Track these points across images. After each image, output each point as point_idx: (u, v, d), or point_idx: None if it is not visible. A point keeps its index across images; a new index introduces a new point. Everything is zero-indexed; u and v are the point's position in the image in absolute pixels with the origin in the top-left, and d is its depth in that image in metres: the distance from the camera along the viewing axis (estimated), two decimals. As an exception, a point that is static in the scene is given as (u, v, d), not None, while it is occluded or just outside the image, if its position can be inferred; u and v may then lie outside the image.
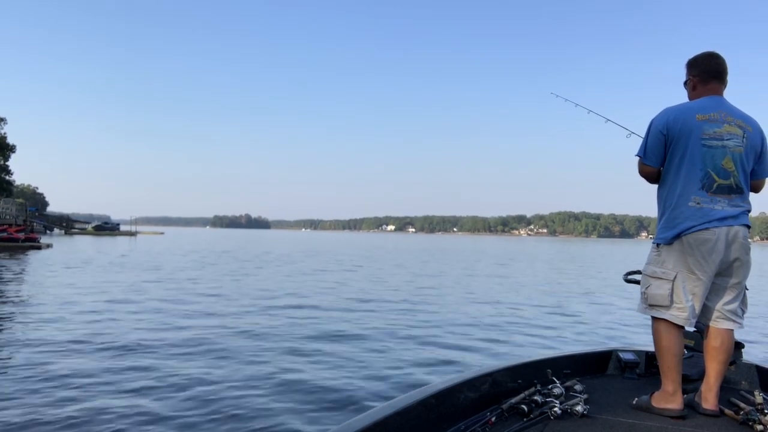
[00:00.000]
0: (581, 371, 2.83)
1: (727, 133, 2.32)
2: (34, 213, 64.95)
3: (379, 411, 1.87)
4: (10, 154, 59.53)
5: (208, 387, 5.10)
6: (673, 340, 2.33)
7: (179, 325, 8.22)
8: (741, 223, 2.32)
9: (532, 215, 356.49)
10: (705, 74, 2.44)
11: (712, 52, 2.47)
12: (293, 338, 7.43)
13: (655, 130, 2.41)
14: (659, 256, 2.40)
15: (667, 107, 2.45)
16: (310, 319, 9.11)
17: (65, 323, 8.17)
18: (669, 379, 2.32)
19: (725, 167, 2.31)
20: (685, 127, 2.33)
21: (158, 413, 4.36)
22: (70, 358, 6.06)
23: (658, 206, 2.48)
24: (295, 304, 10.90)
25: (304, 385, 5.21)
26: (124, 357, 6.19)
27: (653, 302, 2.38)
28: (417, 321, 9.20)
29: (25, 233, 35.36)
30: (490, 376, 2.42)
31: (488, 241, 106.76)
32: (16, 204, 50.36)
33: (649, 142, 2.43)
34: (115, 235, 69.79)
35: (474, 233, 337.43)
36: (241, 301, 11.14)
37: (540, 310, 10.95)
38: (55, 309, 9.51)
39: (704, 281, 2.31)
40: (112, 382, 5.19)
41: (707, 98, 2.42)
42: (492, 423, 2.09)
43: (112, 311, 9.41)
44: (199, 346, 6.80)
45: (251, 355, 6.43)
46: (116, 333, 7.51)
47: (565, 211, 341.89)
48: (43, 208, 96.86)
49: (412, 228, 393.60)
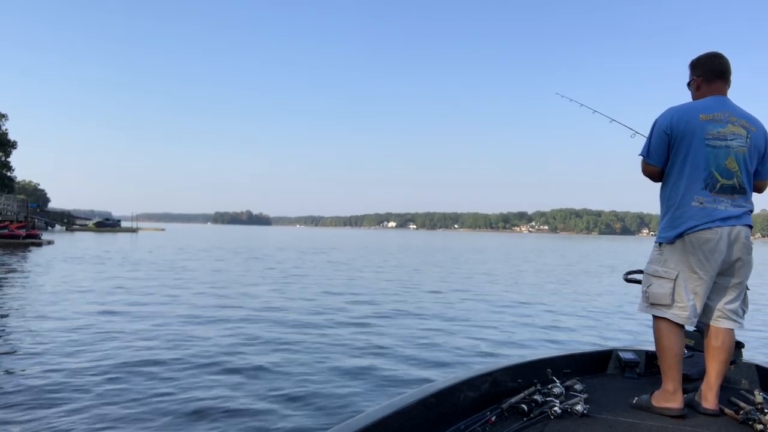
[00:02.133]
0: (581, 371, 2.83)
1: (730, 133, 2.32)
2: (35, 209, 64.95)
3: (379, 411, 1.87)
4: (11, 151, 59.58)
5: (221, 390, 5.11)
6: (674, 340, 2.33)
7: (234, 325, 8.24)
8: (743, 224, 2.32)
9: (533, 212, 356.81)
10: (709, 74, 2.44)
11: (716, 52, 2.47)
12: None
13: (659, 130, 2.41)
14: (661, 255, 2.40)
15: (670, 107, 2.45)
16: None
17: (69, 320, 8.19)
18: (669, 378, 2.32)
19: (728, 167, 2.31)
20: (689, 127, 2.33)
21: (160, 414, 4.37)
22: (70, 359, 6.07)
23: (661, 205, 2.47)
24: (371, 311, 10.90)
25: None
26: (126, 358, 6.21)
27: (654, 301, 2.38)
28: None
29: (26, 230, 35.37)
30: (490, 375, 2.42)
31: (489, 238, 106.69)
32: (17, 200, 50.31)
33: (653, 141, 2.43)
34: (117, 231, 69.96)
35: (475, 230, 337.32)
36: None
37: (540, 310, 10.95)
38: (59, 306, 9.53)
39: (706, 281, 2.31)
40: (114, 384, 5.20)
41: (711, 98, 2.41)
42: (492, 422, 2.10)
43: (113, 312, 9.42)
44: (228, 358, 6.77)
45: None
46: (118, 334, 7.52)
47: (566, 208, 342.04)
48: (44, 204, 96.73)
49: (413, 225, 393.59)
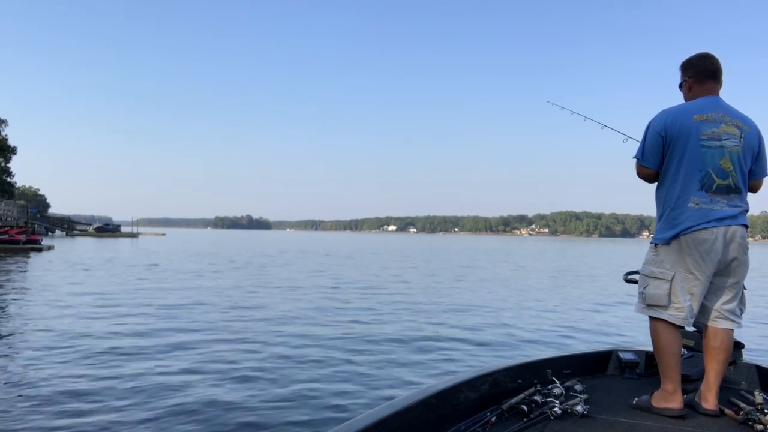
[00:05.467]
0: (581, 371, 2.83)
1: (724, 133, 2.33)
2: (35, 215, 64.94)
3: (379, 411, 1.88)
4: (11, 156, 59.52)
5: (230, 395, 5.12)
6: (671, 340, 2.34)
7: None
8: (739, 223, 2.33)
9: (534, 215, 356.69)
10: (700, 75, 2.46)
11: (706, 53, 2.48)
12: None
13: (653, 133, 2.42)
14: (657, 256, 2.40)
15: (664, 109, 2.46)
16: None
17: (68, 323, 8.18)
18: (668, 378, 2.33)
19: (723, 167, 2.32)
20: (684, 129, 2.34)
21: (161, 416, 4.37)
22: (69, 360, 6.07)
23: (657, 206, 2.49)
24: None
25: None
26: (129, 359, 6.20)
27: (651, 302, 2.39)
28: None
29: (26, 235, 35.36)
30: (490, 376, 2.42)
31: (490, 241, 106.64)
32: (17, 206, 50.36)
33: (647, 144, 2.44)
34: (117, 236, 69.83)
35: (475, 233, 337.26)
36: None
37: (540, 310, 10.94)
38: (58, 310, 9.53)
39: (702, 281, 2.32)
40: (117, 386, 5.19)
41: (704, 99, 2.43)
42: (492, 423, 2.10)
43: (115, 314, 9.43)
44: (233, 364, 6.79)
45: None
46: (119, 336, 7.52)
47: (566, 211, 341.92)
48: (44, 209, 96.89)
49: (413, 228, 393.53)
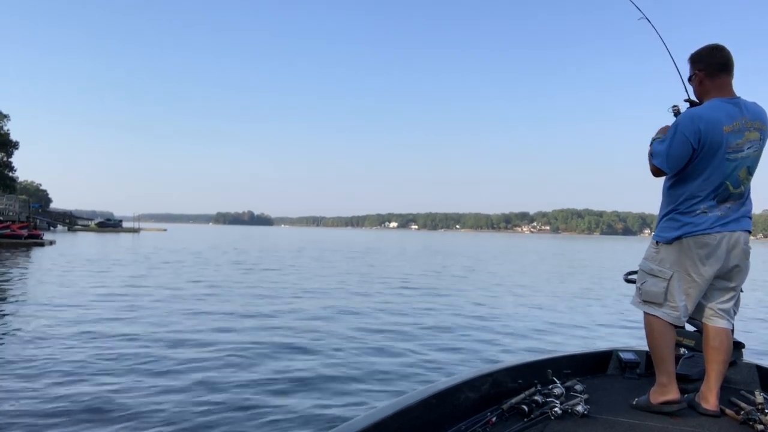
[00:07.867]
0: (581, 371, 2.83)
1: (747, 142, 2.26)
2: (37, 210, 65.05)
3: (379, 411, 1.88)
4: (13, 151, 59.58)
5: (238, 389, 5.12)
6: (664, 334, 2.34)
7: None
8: (743, 228, 2.30)
9: (535, 212, 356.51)
10: (711, 68, 2.33)
11: (716, 44, 2.36)
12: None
13: (684, 140, 2.25)
14: (658, 253, 2.39)
15: (693, 113, 2.29)
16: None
17: (69, 318, 8.20)
18: (662, 371, 2.34)
19: (740, 177, 2.27)
20: (714, 143, 2.23)
21: (162, 414, 4.38)
22: (71, 355, 6.09)
23: (664, 200, 2.42)
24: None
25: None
26: (130, 359, 6.22)
27: (647, 298, 2.39)
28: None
29: (28, 230, 35.47)
30: (491, 376, 2.42)
31: (491, 239, 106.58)
32: (19, 201, 50.49)
33: (674, 149, 2.27)
34: (118, 231, 70.03)
35: (476, 230, 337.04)
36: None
37: (540, 310, 10.94)
38: (60, 304, 9.55)
39: (700, 284, 2.32)
40: (116, 382, 5.21)
41: (729, 103, 2.28)
42: (492, 423, 2.10)
43: (116, 310, 9.43)
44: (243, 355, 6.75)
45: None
46: (119, 332, 7.53)
47: (567, 209, 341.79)
48: (46, 204, 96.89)
49: (414, 225, 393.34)
